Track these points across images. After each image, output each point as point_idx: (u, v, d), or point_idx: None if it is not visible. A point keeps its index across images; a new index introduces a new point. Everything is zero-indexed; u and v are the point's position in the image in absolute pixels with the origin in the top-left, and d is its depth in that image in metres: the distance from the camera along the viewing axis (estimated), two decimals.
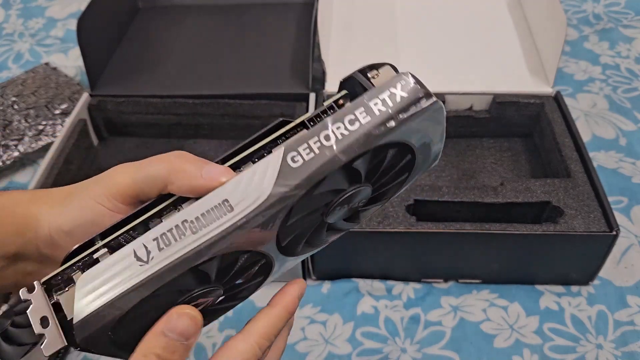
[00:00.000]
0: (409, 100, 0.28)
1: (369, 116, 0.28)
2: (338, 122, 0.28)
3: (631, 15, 0.94)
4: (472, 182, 0.68)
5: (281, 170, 0.27)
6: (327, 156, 0.27)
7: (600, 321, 0.57)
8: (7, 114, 0.78)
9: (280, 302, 0.33)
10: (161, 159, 0.30)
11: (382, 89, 0.28)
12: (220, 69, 0.77)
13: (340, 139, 0.28)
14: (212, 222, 0.27)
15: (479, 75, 0.72)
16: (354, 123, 0.28)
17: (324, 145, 0.28)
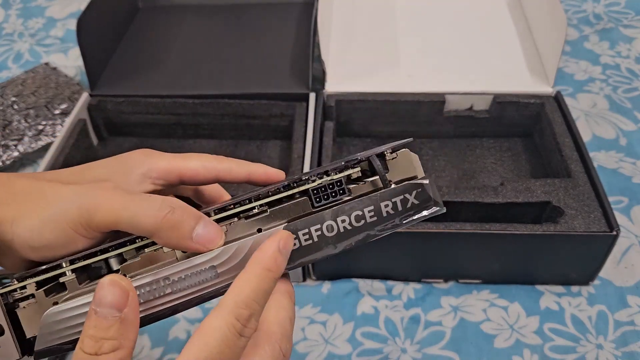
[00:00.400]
0: (418, 207, 0.29)
1: (376, 216, 0.28)
2: (344, 215, 0.28)
3: (631, 15, 0.94)
4: (472, 182, 0.68)
5: None
6: (323, 247, 0.28)
7: (601, 321, 0.57)
8: (7, 114, 0.78)
9: (255, 260, 0.28)
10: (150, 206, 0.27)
11: (396, 192, 0.29)
12: (220, 69, 0.77)
13: (342, 232, 0.28)
14: (194, 285, 0.28)
15: (479, 75, 0.72)
16: (360, 220, 0.28)
17: (324, 235, 0.28)
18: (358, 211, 0.28)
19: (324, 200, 0.29)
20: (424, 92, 0.70)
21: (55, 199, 0.29)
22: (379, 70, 0.74)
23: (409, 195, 0.29)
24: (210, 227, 0.28)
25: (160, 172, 0.32)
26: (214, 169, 0.33)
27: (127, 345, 0.25)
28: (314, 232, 0.28)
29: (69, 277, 0.28)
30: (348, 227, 0.28)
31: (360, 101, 0.70)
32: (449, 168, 0.69)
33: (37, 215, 0.28)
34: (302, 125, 0.68)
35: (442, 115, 0.71)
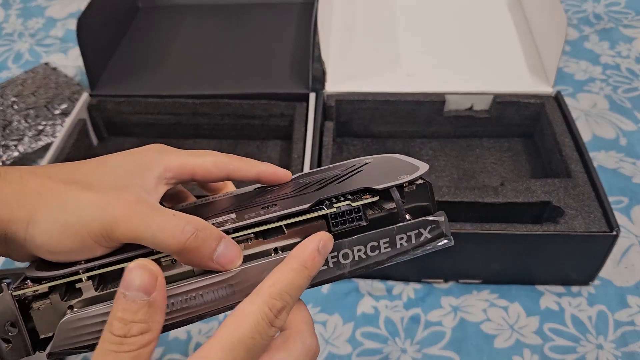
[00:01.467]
0: (430, 240, 0.30)
1: (390, 247, 0.30)
2: (361, 245, 0.29)
3: (631, 15, 0.94)
4: (472, 182, 0.68)
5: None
6: (336, 273, 0.30)
7: (601, 321, 0.57)
8: (7, 114, 0.78)
9: (294, 255, 0.29)
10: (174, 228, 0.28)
11: (412, 227, 0.30)
12: (220, 69, 0.77)
13: (357, 260, 0.29)
14: (210, 302, 0.29)
15: (479, 75, 0.72)
16: (375, 251, 0.30)
17: (339, 262, 0.29)
18: (374, 242, 0.29)
19: (340, 225, 0.30)
20: (424, 92, 0.70)
21: (75, 207, 0.29)
22: (379, 70, 0.74)
23: (423, 230, 0.30)
24: (230, 248, 0.29)
25: (174, 171, 0.32)
26: (225, 167, 0.33)
27: (155, 328, 0.25)
28: (330, 258, 0.29)
29: (85, 283, 0.29)
30: (363, 255, 0.29)
31: (360, 101, 0.70)
32: (449, 168, 0.69)
33: (55, 220, 0.28)
34: (302, 125, 0.68)
35: (442, 115, 0.70)
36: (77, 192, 0.29)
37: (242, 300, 0.27)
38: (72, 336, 0.28)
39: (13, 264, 0.64)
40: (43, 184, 0.29)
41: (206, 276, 0.29)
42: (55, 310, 0.29)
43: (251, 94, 0.72)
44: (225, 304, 0.29)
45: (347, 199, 0.30)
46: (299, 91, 0.72)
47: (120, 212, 0.28)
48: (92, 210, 0.28)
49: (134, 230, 0.28)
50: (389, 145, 0.72)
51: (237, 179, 0.34)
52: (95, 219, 0.28)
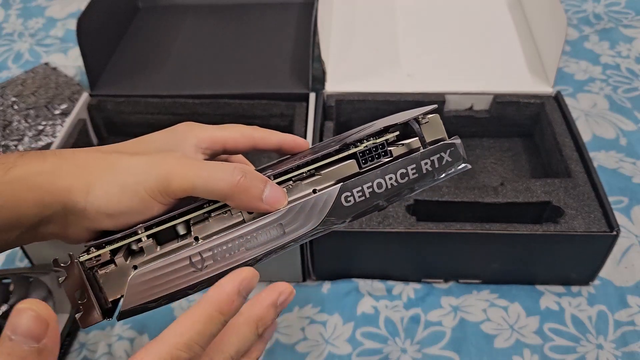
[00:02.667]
0: (451, 164, 0.34)
1: (417, 173, 0.33)
2: (391, 173, 0.32)
3: (631, 15, 0.94)
4: (472, 182, 0.68)
5: (334, 206, 0.32)
6: (374, 201, 0.32)
7: (601, 321, 0.57)
8: (7, 114, 0.78)
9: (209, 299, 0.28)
10: (224, 172, 0.30)
11: (434, 152, 0.33)
12: (220, 69, 0.77)
13: (390, 188, 0.32)
14: (264, 243, 0.31)
15: (479, 75, 0.72)
16: (404, 177, 0.33)
17: (375, 191, 0.32)
18: (402, 169, 0.32)
19: (369, 162, 0.33)
20: (424, 92, 0.70)
21: (129, 168, 0.31)
22: (379, 70, 0.74)
23: (444, 153, 0.33)
24: (276, 189, 0.31)
25: (208, 142, 0.35)
26: (251, 137, 0.36)
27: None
28: (366, 189, 0.32)
29: (146, 242, 0.30)
30: (395, 183, 0.32)
31: (360, 101, 0.70)
32: None
33: (112, 182, 0.30)
34: (302, 125, 0.68)
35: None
36: (129, 158, 0.31)
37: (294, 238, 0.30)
38: (140, 291, 0.29)
39: (13, 264, 0.64)
40: (96, 157, 0.32)
41: (258, 219, 0.31)
42: (121, 273, 0.30)
43: (251, 94, 0.72)
44: (278, 244, 0.31)
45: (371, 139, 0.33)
46: (299, 91, 0.72)
47: (172, 166, 0.30)
48: (146, 168, 0.30)
49: (189, 180, 0.29)
50: None
51: (262, 147, 0.36)
52: (151, 175, 0.30)
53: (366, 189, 0.32)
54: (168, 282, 0.29)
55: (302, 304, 0.60)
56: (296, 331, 0.57)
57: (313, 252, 0.58)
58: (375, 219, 0.56)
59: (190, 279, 0.30)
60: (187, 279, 0.30)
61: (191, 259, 0.30)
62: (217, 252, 0.30)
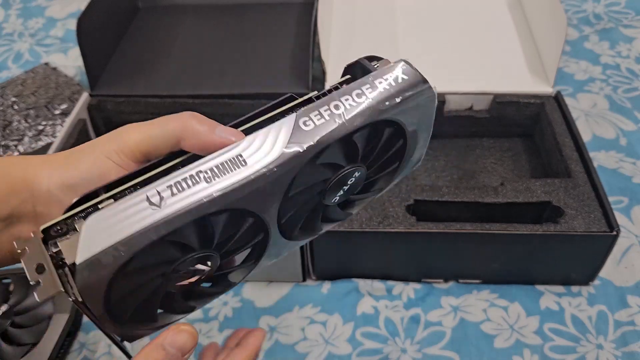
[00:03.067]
0: (409, 82, 0.31)
1: (375, 92, 0.31)
2: (347, 95, 0.31)
3: (631, 15, 0.94)
4: (472, 182, 0.68)
5: (293, 132, 0.30)
6: (336, 122, 0.30)
7: (601, 321, 0.57)
8: (7, 114, 0.78)
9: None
10: (175, 117, 0.31)
11: (386, 71, 0.31)
12: (220, 69, 0.77)
13: (349, 108, 0.30)
14: (225, 174, 0.28)
15: (479, 75, 0.72)
16: (361, 97, 0.31)
17: (333, 112, 0.30)
18: (357, 90, 0.31)
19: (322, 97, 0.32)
20: None
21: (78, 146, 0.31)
22: None
23: (397, 72, 0.32)
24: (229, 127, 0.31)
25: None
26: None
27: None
28: (324, 112, 0.30)
29: (108, 203, 0.28)
30: (352, 103, 0.31)
31: None
32: (448, 168, 0.69)
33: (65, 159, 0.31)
34: None
35: (442, 115, 0.70)
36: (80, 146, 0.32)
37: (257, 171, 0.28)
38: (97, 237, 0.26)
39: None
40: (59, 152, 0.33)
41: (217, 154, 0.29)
42: None
43: (251, 94, 0.72)
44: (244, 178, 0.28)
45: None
46: (299, 91, 0.71)
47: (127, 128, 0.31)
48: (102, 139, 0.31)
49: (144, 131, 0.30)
50: None
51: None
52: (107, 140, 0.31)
53: (323, 112, 0.30)
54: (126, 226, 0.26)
55: (302, 304, 0.60)
56: (296, 331, 0.57)
57: (313, 252, 0.58)
58: (375, 219, 0.56)
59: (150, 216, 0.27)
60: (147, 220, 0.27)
61: (148, 197, 0.27)
62: (175, 187, 0.28)
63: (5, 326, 0.53)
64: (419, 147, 0.36)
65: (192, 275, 0.30)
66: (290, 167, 0.29)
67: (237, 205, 0.29)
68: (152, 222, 0.27)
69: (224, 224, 0.29)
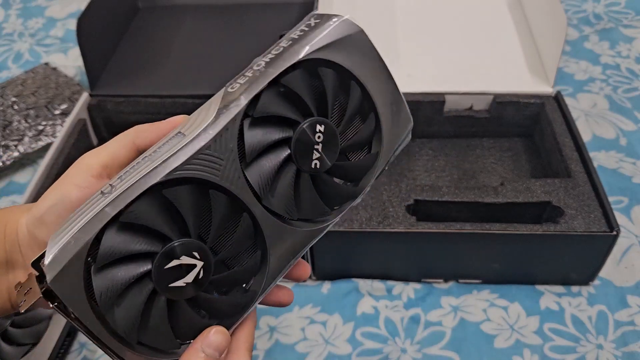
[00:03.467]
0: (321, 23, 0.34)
1: (290, 41, 0.32)
2: (267, 54, 0.32)
3: (631, 15, 0.94)
4: (472, 182, 0.68)
5: (223, 98, 0.32)
6: (257, 74, 0.31)
7: (601, 321, 0.57)
8: (7, 114, 0.78)
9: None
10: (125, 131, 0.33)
11: (300, 24, 0.33)
12: (220, 69, 0.77)
13: (268, 61, 0.32)
14: (166, 150, 0.29)
15: (479, 75, 0.72)
16: (279, 49, 0.32)
17: (254, 69, 0.32)
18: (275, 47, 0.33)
19: None
20: (423, 92, 0.70)
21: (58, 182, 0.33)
22: None
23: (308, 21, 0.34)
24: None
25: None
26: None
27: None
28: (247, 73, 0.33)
29: None
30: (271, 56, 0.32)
31: None
32: (449, 168, 0.69)
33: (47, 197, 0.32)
34: None
35: (442, 115, 0.70)
36: None
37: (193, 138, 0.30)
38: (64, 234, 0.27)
39: None
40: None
41: None
42: None
43: None
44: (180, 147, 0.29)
45: None
46: None
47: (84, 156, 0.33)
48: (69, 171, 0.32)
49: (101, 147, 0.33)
50: None
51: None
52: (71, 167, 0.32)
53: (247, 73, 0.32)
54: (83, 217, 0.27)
55: (302, 304, 0.60)
56: (296, 331, 0.57)
57: (313, 252, 0.58)
58: (375, 219, 0.56)
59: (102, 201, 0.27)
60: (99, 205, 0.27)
61: (102, 191, 0.28)
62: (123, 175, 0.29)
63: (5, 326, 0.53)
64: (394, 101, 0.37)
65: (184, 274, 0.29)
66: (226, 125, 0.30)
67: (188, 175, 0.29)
68: (104, 204, 0.27)
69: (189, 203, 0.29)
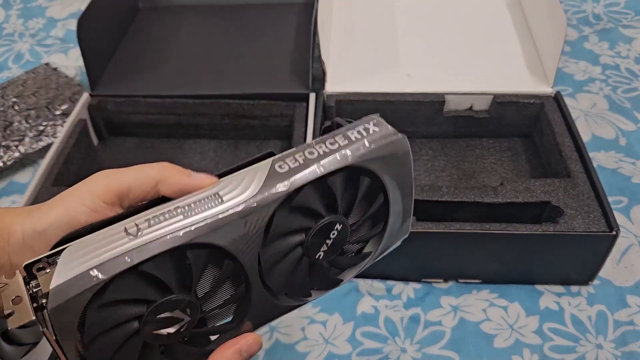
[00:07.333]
0: (380, 133, 0.34)
1: (347, 140, 0.33)
2: (320, 143, 0.33)
3: (631, 15, 0.94)
4: (472, 182, 0.68)
5: (269, 174, 0.31)
6: (310, 165, 0.32)
7: (600, 321, 0.57)
8: (8, 114, 0.78)
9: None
10: (152, 164, 0.31)
11: (358, 124, 0.34)
12: (220, 69, 0.77)
13: (322, 154, 0.32)
14: (202, 210, 0.29)
15: (479, 75, 0.72)
16: (334, 144, 0.33)
17: (307, 158, 0.32)
18: (330, 139, 0.33)
19: None
20: (423, 92, 0.70)
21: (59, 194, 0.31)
22: (379, 70, 0.74)
23: (368, 124, 0.34)
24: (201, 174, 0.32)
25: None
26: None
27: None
28: (299, 157, 0.32)
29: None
30: (326, 149, 0.32)
31: (360, 101, 0.70)
32: (449, 168, 0.69)
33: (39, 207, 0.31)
34: (302, 125, 0.68)
35: (442, 115, 0.71)
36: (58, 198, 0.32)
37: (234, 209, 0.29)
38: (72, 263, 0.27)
39: None
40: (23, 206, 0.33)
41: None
42: None
43: (251, 94, 0.72)
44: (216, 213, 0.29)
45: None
46: (299, 91, 0.72)
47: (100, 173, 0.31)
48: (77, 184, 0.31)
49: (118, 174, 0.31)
50: None
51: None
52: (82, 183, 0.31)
53: (298, 157, 0.32)
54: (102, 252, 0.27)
55: None
56: (296, 331, 0.58)
57: None
58: None
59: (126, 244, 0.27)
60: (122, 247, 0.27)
61: (126, 228, 0.28)
62: (153, 219, 0.28)
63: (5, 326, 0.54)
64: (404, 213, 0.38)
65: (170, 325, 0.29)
66: (265, 206, 0.30)
67: (214, 241, 0.29)
68: (127, 248, 0.27)
69: (203, 264, 0.30)
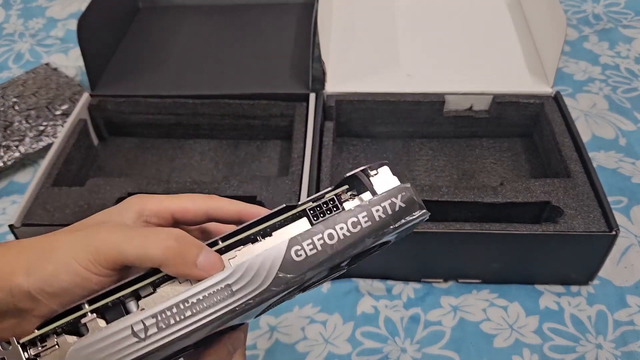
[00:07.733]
0: (406, 210, 0.31)
1: (370, 221, 0.30)
2: (342, 223, 0.30)
3: (631, 15, 0.94)
4: (472, 182, 0.68)
5: (283, 263, 0.29)
6: (327, 254, 0.30)
7: (600, 321, 0.57)
8: (8, 115, 0.78)
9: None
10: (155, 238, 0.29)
11: (384, 198, 0.31)
12: (220, 69, 0.77)
13: (342, 239, 0.30)
14: (212, 305, 0.28)
15: (479, 75, 0.72)
16: (356, 226, 0.30)
17: (326, 243, 0.30)
18: (353, 218, 0.30)
19: (320, 217, 0.31)
20: (423, 92, 0.70)
21: (65, 244, 0.30)
22: (379, 70, 0.74)
23: (395, 198, 0.31)
24: (211, 254, 0.30)
25: (152, 210, 0.33)
26: (204, 205, 0.34)
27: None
28: (317, 241, 0.30)
29: (89, 318, 0.29)
30: (347, 233, 0.30)
31: (360, 101, 0.70)
32: (448, 168, 0.69)
33: (50, 259, 0.29)
34: (302, 125, 0.68)
35: (442, 115, 0.71)
36: (66, 235, 0.31)
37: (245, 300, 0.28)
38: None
39: None
40: (38, 239, 0.31)
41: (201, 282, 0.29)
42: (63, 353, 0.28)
43: (251, 94, 0.72)
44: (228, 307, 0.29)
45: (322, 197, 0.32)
46: (299, 91, 0.72)
47: (102, 235, 0.30)
48: (78, 242, 0.30)
49: (117, 246, 0.29)
50: (388, 145, 0.73)
51: (219, 218, 0.34)
52: (81, 246, 0.29)
53: (316, 241, 0.30)
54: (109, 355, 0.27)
55: (302, 303, 0.60)
56: (296, 331, 0.58)
57: None
58: None
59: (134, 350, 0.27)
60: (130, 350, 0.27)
61: (133, 328, 0.28)
62: (160, 319, 0.28)
63: None
64: None
65: None
66: (276, 293, 0.30)
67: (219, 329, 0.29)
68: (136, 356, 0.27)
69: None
